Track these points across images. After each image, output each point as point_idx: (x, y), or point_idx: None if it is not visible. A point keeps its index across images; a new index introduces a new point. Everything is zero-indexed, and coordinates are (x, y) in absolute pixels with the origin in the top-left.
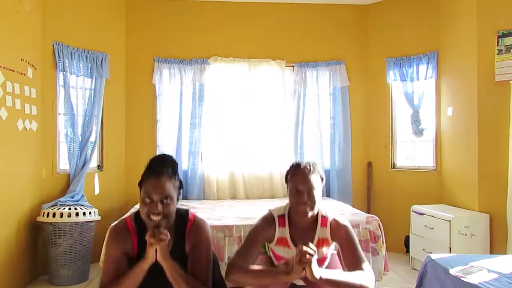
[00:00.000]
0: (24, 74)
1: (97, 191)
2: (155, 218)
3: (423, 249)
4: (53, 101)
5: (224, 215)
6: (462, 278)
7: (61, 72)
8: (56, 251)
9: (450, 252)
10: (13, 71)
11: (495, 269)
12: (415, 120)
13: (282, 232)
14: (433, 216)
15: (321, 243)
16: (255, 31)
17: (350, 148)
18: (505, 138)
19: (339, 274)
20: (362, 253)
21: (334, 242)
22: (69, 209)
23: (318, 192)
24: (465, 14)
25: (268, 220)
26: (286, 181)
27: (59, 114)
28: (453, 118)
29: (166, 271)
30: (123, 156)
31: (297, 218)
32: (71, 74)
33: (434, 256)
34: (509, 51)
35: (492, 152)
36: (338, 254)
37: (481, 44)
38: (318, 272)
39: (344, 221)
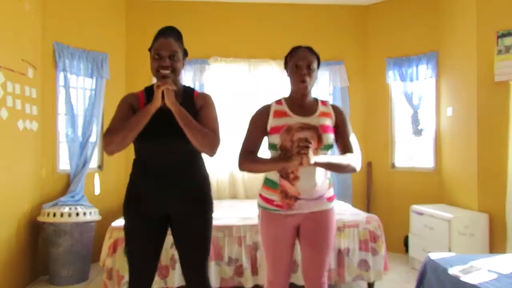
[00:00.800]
0: (25, 74)
1: (97, 191)
2: (163, 71)
3: (423, 249)
4: (53, 101)
5: (224, 215)
6: (461, 278)
7: (62, 72)
8: (56, 251)
9: (449, 252)
10: (13, 71)
11: (494, 269)
12: (415, 120)
13: (279, 107)
14: (432, 216)
15: (323, 114)
16: (255, 31)
17: None
18: (505, 138)
19: (330, 158)
20: (354, 137)
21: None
22: (69, 209)
23: (315, 68)
24: (465, 14)
25: (265, 105)
26: (286, 65)
27: (60, 114)
28: (453, 118)
29: (175, 116)
30: (123, 156)
31: (297, 94)
32: (72, 74)
33: (433, 256)
34: (509, 51)
35: (491, 152)
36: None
37: (481, 44)
38: (313, 159)
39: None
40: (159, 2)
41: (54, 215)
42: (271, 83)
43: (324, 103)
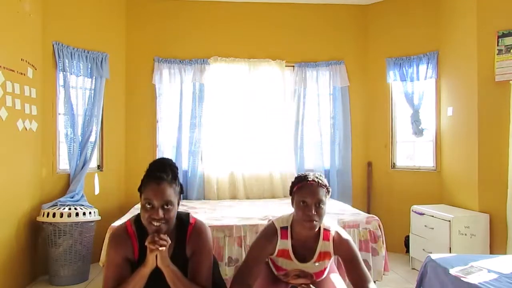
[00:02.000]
0: (24, 74)
1: (97, 191)
2: (156, 224)
3: (423, 249)
4: (53, 101)
5: (224, 215)
6: (462, 278)
7: (61, 72)
8: (56, 251)
9: (450, 252)
10: (13, 71)
11: (495, 269)
12: (415, 120)
13: (284, 244)
14: (433, 216)
15: (322, 256)
16: (255, 31)
17: (350, 148)
18: (505, 138)
19: None
20: (367, 270)
21: (335, 256)
22: (69, 209)
23: (325, 206)
24: (465, 14)
25: (271, 233)
26: (291, 193)
27: (59, 114)
28: (453, 118)
29: (166, 277)
30: (123, 156)
31: (302, 231)
32: (71, 74)
33: (434, 256)
34: (509, 51)
35: (492, 152)
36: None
37: (481, 44)
38: None
39: (346, 235)
40: (159, 2)
41: (54, 215)
42: (271, 83)
43: (326, 235)
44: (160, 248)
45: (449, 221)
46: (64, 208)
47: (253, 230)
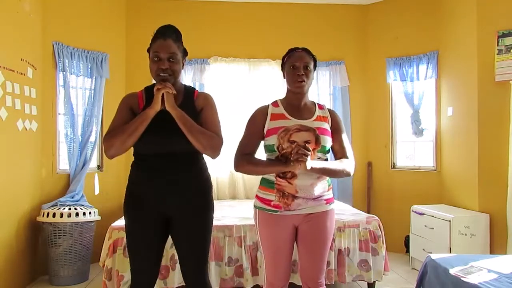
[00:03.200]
0: (24, 74)
1: (97, 191)
2: (163, 74)
3: (423, 249)
4: (53, 101)
5: (224, 215)
6: (462, 278)
7: (61, 72)
8: (56, 251)
9: (450, 252)
10: (13, 71)
11: (495, 269)
12: (415, 120)
13: (276, 110)
14: (433, 216)
15: (320, 118)
16: (255, 31)
17: (350, 148)
18: (505, 138)
19: (326, 163)
20: (348, 143)
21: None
22: (69, 209)
23: (311, 69)
24: (465, 14)
25: (262, 106)
26: (283, 66)
27: (59, 114)
28: (453, 118)
29: (176, 120)
30: (123, 156)
31: (294, 94)
32: (71, 74)
33: (434, 256)
34: (509, 51)
35: (492, 152)
36: None
37: (481, 44)
38: (310, 164)
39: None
40: (159, 2)
41: (54, 215)
42: (271, 83)
43: (321, 106)
44: (166, 89)
45: (449, 221)
46: (64, 208)
47: (253, 230)
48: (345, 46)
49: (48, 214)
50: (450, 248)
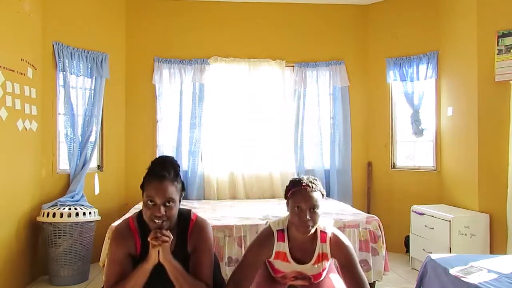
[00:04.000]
0: (24, 74)
1: (97, 191)
2: (158, 221)
3: (423, 249)
4: (53, 101)
5: (224, 215)
6: (462, 278)
7: (61, 72)
8: (56, 251)
9: (450, 252)
10: (13, 71)
11: (495, 269)
12: (415, 120)
13: (281, 246)
14: (433, 216)
15: (320, 258)
16: (255, 31)
17: (350, 148)
18: (505, 138)
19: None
20: (363, 274)
21: (333, 258)
22: (69, 209)
23: (319, 209)
24: (465, 14)
25: (267, 236)
26: (286, 197)
27: (59, 114)
28: (453, 118)
29: (168, 272)
30: (123, 156)
31: (297, 235)
32: (71, 74)
33: (434, 256)
34: (509, 51)
35: (492, 152)
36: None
37: (481, 44)
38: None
39: (343, 236)
40: (159, 2)
41: (54, 215)
42: (271, 83)
43: (323, 237)
44: (163, 244)
45: (449, 221)
46: (64, 208)
47: (253, 230)
48: (345, 46)
49: (48, 214)
50: (450, 248)
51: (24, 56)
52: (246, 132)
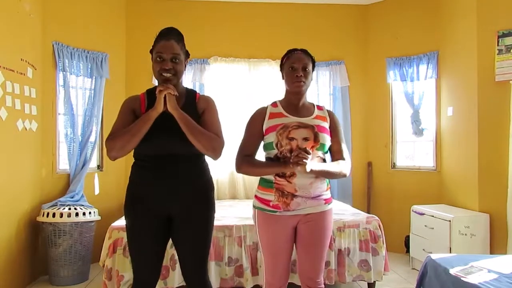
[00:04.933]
0: (24, 74)
1: (97, 191)
2: (166, 74)
3: (423, 249)
4: (53, 101)
5: (224, 215)
6: (462, 278)
7: (61, 72)
8: (56, 251)
9: (450, 252)
10: (13, 71)
11: (495, 269)
12: (415, 120)
13: (275, 110)
14: (433, 216)
15: (319, 117)
16: (255, 31)
17: (350, 148)
18: (505, 138)
19: (324, 165)
20: (345, 144)
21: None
22: (69, 209)
23: (310, 71)
24: (465, 14)
25: (260, 107)
26: (281, 67)
27: (59, 114)
28: (453, 118)
29: (178, 121)
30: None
31: (293, 95)
32: (71, 74)
33: (434, 256)
34: (509, 51)
35: (492, 152)
36: None
37: (481, 44)
38: (309, 166)
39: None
40: (159, 2)
41: (54, 215)
42: (271, 83)
43: (320, 107)
44: (168, 91)
45: (449, 221)
46: (64, 208)
47: (253, 230)
48: (345, 46)
49: (48, 214)
50: (450, 248)
51: (24, 56)
52: None
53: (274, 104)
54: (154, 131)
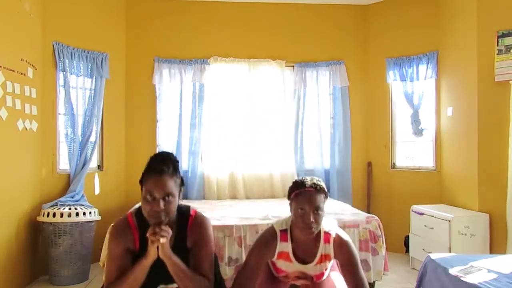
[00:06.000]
0: (24, 74)
1: (97, 191)
2: (157, 216)
3: (423, 249)
4: (53, 101)
5: (224, 215)
6: (462, 278)
7: (61, 72)
8: (56, 251)
9: (450, 252)
10: (13, 71)
11: (495, 269)
12: (415, 120)
13: (284, 247)
14: (433, 216)
15: (323, 258)
16: (255, 31)
17: (350, 148)
18: (505, 138)
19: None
20: (364, 275)
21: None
22: (69, 209)
23: (323, 211)
24: (465, 14)
25: (270, 237)
26: (289, 198)
27: (59, 114)
28: (453, 118)
29: (169, 268)
30: (123, 156)
31: (301, 236)
32: (71, 74)
33: (434, 256)
34: (509, 51)
35: (492, 152)
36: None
37: (481, 44)
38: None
39: (347, 237)
40: (159, 2)
41: (54, 215)
42: (271, 83)
43: (327, 238)
44: (162, 240)
45: (449, 221)
46: (64, 208)
47: (253, 230)
48: (345, 46)
49: (48, 214)
50: (450, 248)
51: (24, 56)
52: (246, 132)
53: (284, 238)
54: (149, 277)
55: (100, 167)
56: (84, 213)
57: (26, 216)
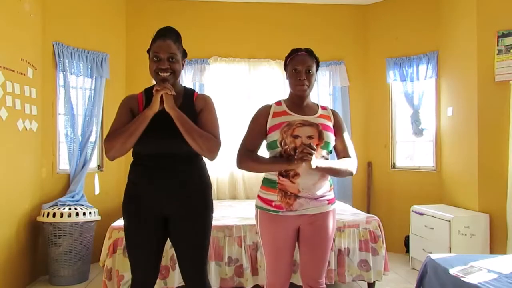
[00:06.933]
0: (24, 74)
1: (97, 191)
2: (162, 74)
3: (423, 249)
4: (53, 101)
5: (224, 215)
6: (462, 278)
7: (61, 72)
8: (56, 251)
9: (450, 252)
10: (13, 71)
11: (495, 269)
12: (415, 120)
13: (279, 108)
14: (433, 216)
15: (322, 116)
16: (255, 31)
17: None
18: (505, 138)
19: (330, 163)
20: (351, 142)
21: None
22: (69, 209)
23: (314, 73)
24: (465, 14)
25: (265, 105)
26: (285, 67)
27: (59, 114)
28: (453, 118)
29: (175, 121)
30: (123, 156)
31: (296, 96)
32: (71, 74)
33: (434, 256)
34: (509, 51)
35: (492, 152)
36: None
37: (481, 44)
38: (315, 163)
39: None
40: (159, 2)
41: (54, 215)
42: (271, 83)
43: (323, 107)
44: (165, 90)
45: (449, 221)
46: (64, 208)
47: (253, 230)
48: (345, 46)
49: (48, 214)
50: (450, 248)
51: (24, 56)
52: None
53: (278, 103)
54: (151, 130)
55: (100, 167)
56: (84, 213)
57: (26, 216)
